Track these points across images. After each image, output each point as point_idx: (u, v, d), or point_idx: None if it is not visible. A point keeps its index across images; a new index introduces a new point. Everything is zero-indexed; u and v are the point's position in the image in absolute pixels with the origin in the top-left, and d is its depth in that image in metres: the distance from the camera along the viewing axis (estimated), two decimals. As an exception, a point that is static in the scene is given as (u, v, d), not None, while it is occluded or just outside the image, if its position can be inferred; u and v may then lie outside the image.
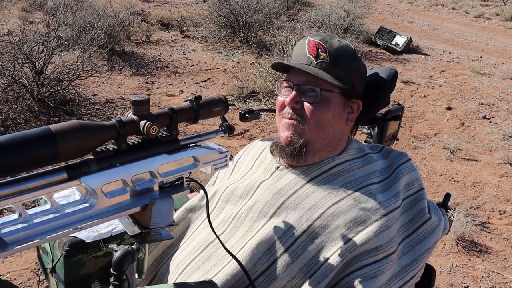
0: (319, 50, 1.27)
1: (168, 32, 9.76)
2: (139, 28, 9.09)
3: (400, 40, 9.91)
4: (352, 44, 8.28)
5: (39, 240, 0.89)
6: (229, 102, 6.05)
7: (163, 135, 1.00)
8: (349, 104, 1.33)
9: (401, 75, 8.02)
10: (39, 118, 4.79)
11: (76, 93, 5.52)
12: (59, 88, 5.28)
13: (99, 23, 7.22)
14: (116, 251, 1.07)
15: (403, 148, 5.37)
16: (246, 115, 1.52)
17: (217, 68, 7.62)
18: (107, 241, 1.45)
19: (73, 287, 1.39)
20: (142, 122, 0.94)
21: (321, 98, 1.25)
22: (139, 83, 6.54)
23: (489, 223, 4.04)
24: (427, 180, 4.69)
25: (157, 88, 6.48)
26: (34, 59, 5.09)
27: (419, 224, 1.30)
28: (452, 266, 3.45)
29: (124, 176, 0.95)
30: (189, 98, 1.03)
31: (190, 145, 1.06)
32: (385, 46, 9.98)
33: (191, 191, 1.69)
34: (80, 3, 8.97)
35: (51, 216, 0.92)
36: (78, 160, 0.93)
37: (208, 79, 7.10)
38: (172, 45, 8.86)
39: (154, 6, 12.02)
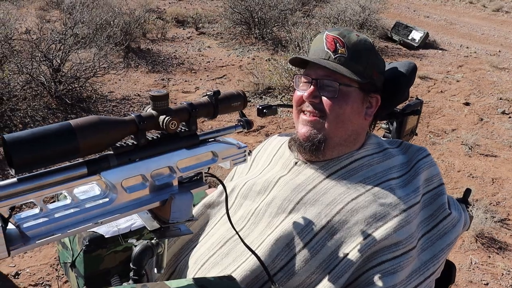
0: (337, 44, 1.26)
1: (183, 29, 9.78)
2: (155, 26, 9.12)
3: (416, 35, 9.81)
4: (368, 39, 8.22)
5: (60, 234, 0.90)
6: (245, 98, 6.00)
7: (182, 130, 1.00)
8: (368, 99, 1.32)
9: (418, 71, 7.85)
10: (57, 115, 4.83)
11: (92, 90, 5.56)
12: (76, 85, 5.32)
13: (115, 20, 7.26)
14: (135, 246, 1.07)
15: (420, 144, 5.31)
16: (264, 110, 1.51)
17: (233, 65, 7.62)
18: (126, 236, 1.46)
19: (92, 281, 1.41)
20: (161, 117, 0.94)
21: (339, 93, 1.24)
22: (155, 80, 6.56)
23: (509, 219, 3.99)
24: (445, 176, 4.64)
25: (173, 85, 6.50)
26: (51, 57, 5.13)
27: (439, 220, 1.28)
28: (471, 263, 3.41)
29: (143, 171, 0.95)
30: (207, 93, 1.02)
31: (209, 140, 1.06)
32: (401, 42, 9.89)
33: (209, 187, 1.69)
34: (96, 1, 8.99)
35: (72, 210, 0.92)
36: (98, 155, 0.93)
37: (224, 75, 7.10)
38: (188, 42, 8.87)
39: (170, 3, 12.05)
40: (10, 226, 0.86)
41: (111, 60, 6.38)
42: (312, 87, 1.26)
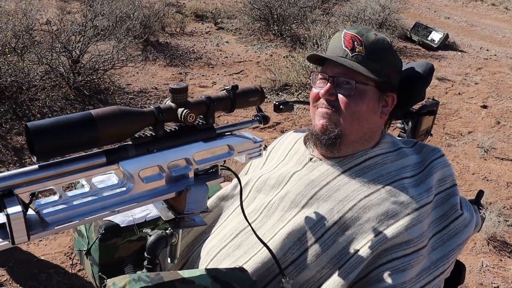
0: (355, 43, 1.27)
1: (202, 23, 9.81)
2: (174, 20, 9.16)
3: (436, 36, 9.73)
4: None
5: (78, 221, 0.92)
6: (262, 94, 6.02)
7: (200, 123, 1.02)
8: (384, 98, 1.33)
9: (436, 72, 7.87)
10: (75, 106, 4.89)
11: (110, 82, 5.61)
12: (94, 77, 5.37)
13: (135, 13, 7.30)
14: (150, 235, 1.09)
15: (436, 146, 5.28)
16: (281, 106, 1.53)
17: (250, 61, 7.63)
18: (141, 226, 1.49)
19: (107, 269, 1.43)
20: (180, 110, 0.96)
21: (356, 91, 1.25)
22: (173, 74, 6.60)
23: (523, 224, 3.96)
24: (459, 178, 4.62)
25: (190, 79, 6.53)
26: (71, 48, 5.19)
27: (451, 220, 1.29)
28: (482, 265, 3.40)
29: (160, 162, 0.97)
30: (225, 87, 1.04)
31: (226, 133, 1.07)
32: (421, 42, 9.82)
33: (224, 180, 1.71)
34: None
35: (90, 198, 0.95)
36: (117, 145, 0.95)
37: (241, 71, 7.12)
38: (206, 37, 8.91)
39: (189, -3, 12.10)
40: (30, 211, 0.88)
41: (130, 53, 6.42)
42: (328, 84, 1.27)
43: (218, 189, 1.48)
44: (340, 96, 1.26)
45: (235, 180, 1.41)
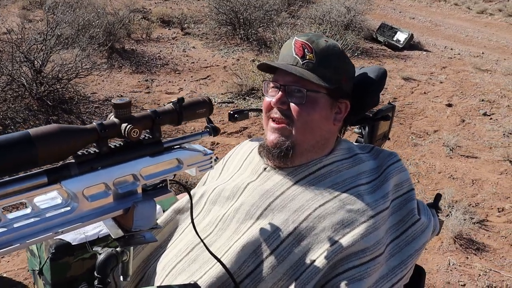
0: (306, 50, 1.27)
1: (169, 29, 9.74)
2: (140, 26, 9.07)
3: (401, 37, 9.87)
4: (353, 41, 8.28)
5: (19, 244, 0.89)
6: (229, 99, 6.07)
7: (146, 138, 1.00)
8: (337, 105, 1.32)
9: (402, 72, 8.00)
10: (38, 117, 4.79)
11: (75, 92, 5.51)
12: (58, 86, 5.27)
13: (98, 21, 7.20)
14: (100, 254, 1.07)
15: (402, 145, 5.36)
16: (235, 115, 1.52)
17: (217, 66, 7.61)
18: (94, 243, 1.45)
19: (60, 289, 1.40)
20: (123, 125, 0.93)
21: (307, 99, 1.24)
22: (139, 81, 6.54)
23: (488, 220, 4.03)
24: (426, 177, 4.68)
25: (157, 85, 6.48)
26: (32, 58, 5.09)
27: (408, 226, 1.29)
28: (449, 264, 3.44)
29: (105, 179, 0.95)
30: (172, 101, 1.02)
31: (174, 147, 1.05)
32: (386, 43, 9.95)
33: (181, 192, 1.69)
34: (80, 1, 8.95)
35: (32, 220, 0.91)
36: (59, 164, 0.93)
37: (208, 76, 7.09)
38: (173, 43, 8.85)
39: (155, 3, 12.00)
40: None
41: (94, 60, 6.33)
42: (280, 93, 1.26)
43: (174, 202, 1.46)
44: (292, 104, 1.26)
45: (192, 193, 1.39)
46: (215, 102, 5.99)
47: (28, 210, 0.92)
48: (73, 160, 0.93)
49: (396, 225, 1.29)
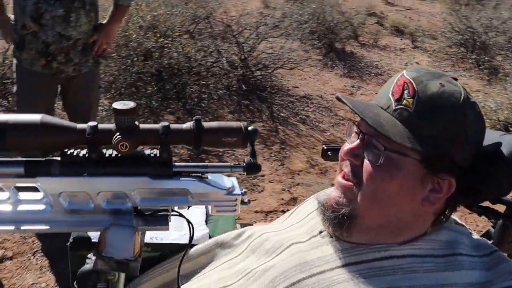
0: (405, 92, 0.91)
1: (400, 39, 9.35)
2: (369, 30, 8.89)
3: None
4: None
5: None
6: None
7: (152, 155, 0.85)
8: (435, 179, 0.93)
9: None
10: (232, 98, 4.99)
11: (277, 81, 5.62)
12: (260, 73, 5.43)
13: (321, 16, 7.22)
14: (87, 263, 0.96)
15: None
16: (328, 153, 1.26)
17: (435, 87, 7.02)
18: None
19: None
20: (116, 134, 0.80)
21: (385, 160, 0.91)
22: (345, 85, 6.39)
23: None
24: None
25: (361, 94, 6.25)
26: (243, 41, 5.32)
27: None
28: None
29: (88, 189, 0.83)
30: (194, 118, 0.85)
31: (188, 174, 0.88)
32: None
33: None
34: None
35: (3, 208, 0.85)
36: (43, 158, 0.84)
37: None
38: (398, 54, 8.46)
39: (396, 10, 11.64)
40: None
41: (309, 56, 6.39)
42: (357, 142, 0.97)
43: (235, 227, 1.29)
44: (365, 162, 0.94)
45: (243, 229, 1.20)
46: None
47: (6, 196, 0.85)
48: (58, 158, 0.83)
49: None
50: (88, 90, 3.02)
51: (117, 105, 0.80)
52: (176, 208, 0.91)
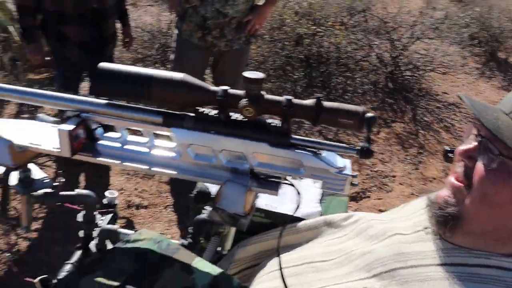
0: None
1: None
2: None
3: None
4: None
5: (118, 162, 0.98)
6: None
7: (273, 124, 0.92)
8: None
9: None
10: (377, 94, 4.92)
11: (426, 84, 5.41)
12: (412, 73, 5.27)
13: (486, 22, 6.75)
14: (203, 212, 1.07)
15: None
16: (449, 154, 1.23)
17: None
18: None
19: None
20: (243, 100, 0.89)
21: (499, 165, 0.87)
22: (501, 99, 5.92)
23: None
24: None
25: None
26: (395, 38, 5.20)
27: None
28: None
29: (214, 145, 0.93)
30: (316, 96, 0.91)
31: (303, 147, 0.94)
32: None
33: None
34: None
35: (142, 149, 0.98)
36: (180, 112, 0.95)
37: None
38: None
39: None
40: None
41: (466, 62, 6.06)
42: (474, 144, 0.95)
43: (345, 211, 1.32)
44: (478, 164, 0.92)
45: (352, 213, 1.23)
46: None
47: (145, 140, 0.99)
48: (192, 114, 0.94)
49: None
50: (236, 65, 3.20)
51: (248, 74, 0.88)
52: (289, 178, 0.98)
